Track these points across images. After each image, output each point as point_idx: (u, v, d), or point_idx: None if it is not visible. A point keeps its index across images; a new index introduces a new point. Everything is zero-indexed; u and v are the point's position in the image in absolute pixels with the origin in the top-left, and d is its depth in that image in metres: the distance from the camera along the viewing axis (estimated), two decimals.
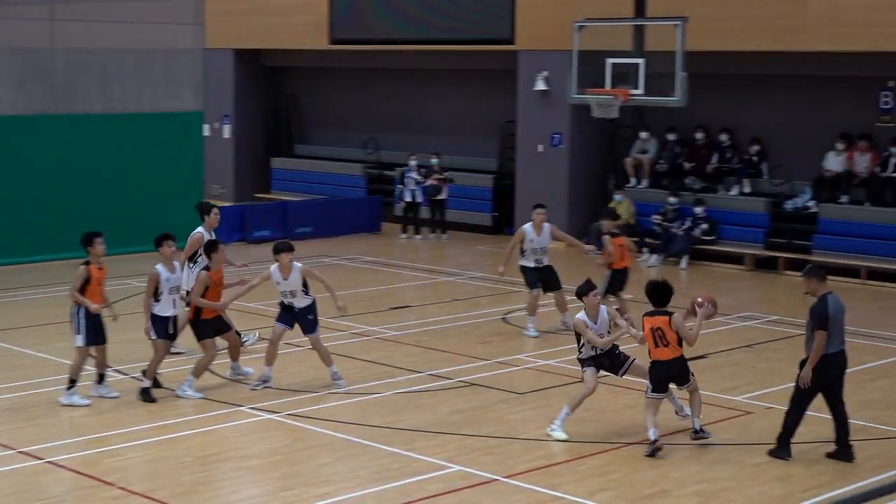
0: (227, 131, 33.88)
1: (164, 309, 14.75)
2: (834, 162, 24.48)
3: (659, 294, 13.00)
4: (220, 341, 15.19)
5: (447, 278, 23.46)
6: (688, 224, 25.01)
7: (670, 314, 12.83)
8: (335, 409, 14.27)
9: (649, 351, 12.94)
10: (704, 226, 24.93)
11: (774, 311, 20.39)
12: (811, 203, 24.57)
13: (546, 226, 18.24)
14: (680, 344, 12.83)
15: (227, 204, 30.97)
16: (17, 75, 24.50)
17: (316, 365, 16.15)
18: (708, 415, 14.06)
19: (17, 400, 14.70)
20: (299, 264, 15.14)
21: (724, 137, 26.12)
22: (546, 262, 18.35)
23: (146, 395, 14.48)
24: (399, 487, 11.75)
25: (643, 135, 26.97)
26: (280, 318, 15.27)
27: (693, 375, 13.04)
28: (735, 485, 11.97)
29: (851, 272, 22.98)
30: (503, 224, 28.87)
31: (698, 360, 16.67)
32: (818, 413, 14.21)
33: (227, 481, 12.10)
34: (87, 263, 14.72)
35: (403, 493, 11.61)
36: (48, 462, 12.41)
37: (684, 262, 24.64)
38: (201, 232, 16.57)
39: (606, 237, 18.17)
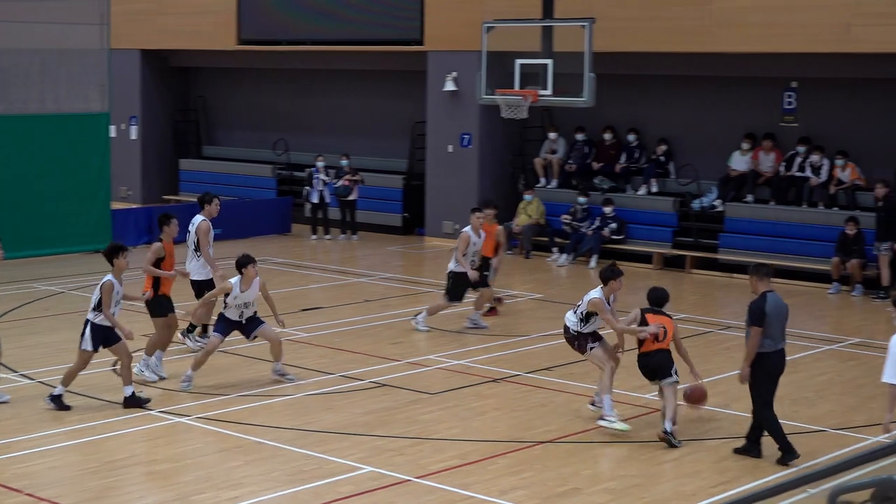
0: (134, 132, 33.48)
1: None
2: (739, 161, 24.82)
3: (661, 296, 13.60)
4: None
5: (358, 279, 23.41)
6: (597, 223, 25.21)
7: (671, 317, 13.46)
8: (246, 412, 14.17)
9: (642, 344, 13.26)
10: (613, 225, 25.14)
11: (682, 309, 20.59)
12: (717, 202, 24.89)
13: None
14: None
15: (134, 206, 30.66)
16: None
17: (224, 367, 16.06)
18: (619, 412, 14.18)
19: None
20: (259, 279, 15.26)
21: (631, 138, 26.37)
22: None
23: (59, 403, 14.18)
24: (312, 490, 11.69)
25: (552, 135, 27.12)
26: (218, 329, 15.26)
27: (674, 374, 13.16)
28: (645, 481, 12.08)
29: None
30: (414, 224, 28.88)
31: None
32: (727, 410, 14.40)
33: (137, 486, 11.96)
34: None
35: (316, 495, 11.55)
36: None
37: (594, 261, 24.82)
38: (207, 222, 17.13)
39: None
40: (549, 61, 22.42)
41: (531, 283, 23.19)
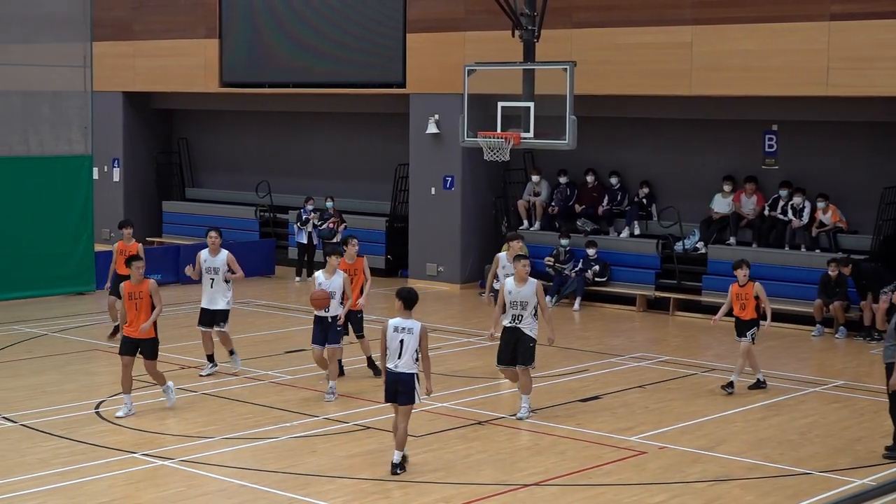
0: (116, 175, 33.45)
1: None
2: (721, 204, 24.90)
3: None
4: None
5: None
6: (580, 266, 25.23)
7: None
8: (229, 455, 14.09)
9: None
10: (596, 267, 25.17)
11: (666, 351, 20.62)
12: (700, 244, 24.94)
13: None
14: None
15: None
16: None
17: (210, 410, 15.99)
18: (602, 455, 14.17)
19: None
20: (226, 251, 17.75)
21: (614, 180, 26.43)
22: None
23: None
24: None
25: (534, 177, 27.17)
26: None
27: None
28: None
29: None
30: (397, 266, 28.85)
31: (591, 402, 16.81)
32: (712, 452, 14.37)
33: None
34: None
35: None
36: None
37: (577, 303, 24.83)
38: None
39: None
40: (530, 104, 22.53)
41: None
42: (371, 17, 28.46)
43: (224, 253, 17.97)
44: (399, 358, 13.26)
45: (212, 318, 17.88)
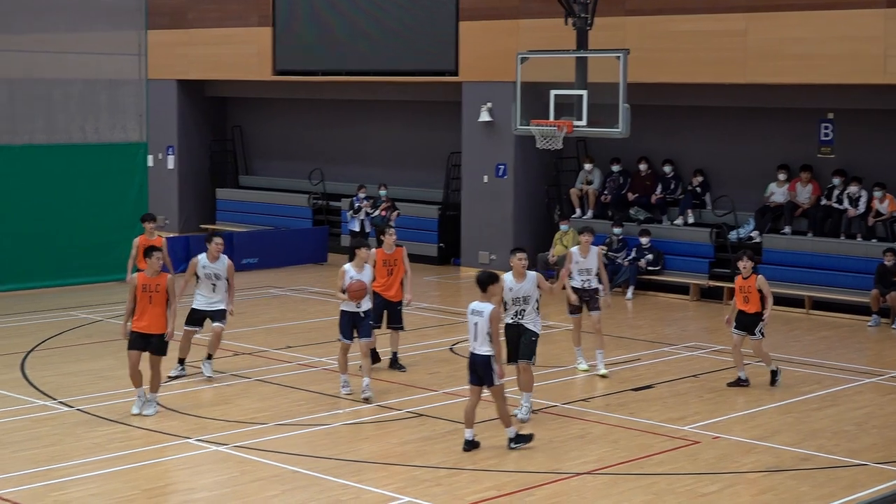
0: (171, 162, 33.70)
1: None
2: (776, 192, 24.71)
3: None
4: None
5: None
6: (633, 254, 25.13)
7: None
8: (282, 441, 14.16)
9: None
10: (649, 256, 25.06)
11: (719, 341, 20.48)
12: (755, 233, 24.77)
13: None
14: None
15: (171, 235, 30.77)
16: None
17: (263, 396, 16.09)
18: (654, 445, 14.12)
19: None
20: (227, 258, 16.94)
21: (667, 169, 26.30)
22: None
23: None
24: None
25: (587, 166, 27.09)
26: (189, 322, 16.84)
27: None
28: None
29: (796, 302, 23.16)
30: (449, 254, 28.87)
31: (644, 391, 16.76)
32: (765, 442, 14.29)
33: None
34: None
35: None
36: None
37: (630, 292, 24.72)
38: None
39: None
40: (583, 92, 22.41)
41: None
42: (424, 4, 28.46)
43: (225, 259, 17.02)
44: (475, 340, 13.59)
45: (204, 317, 16.97)
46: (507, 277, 14.87)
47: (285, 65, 31.06)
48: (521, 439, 13.84)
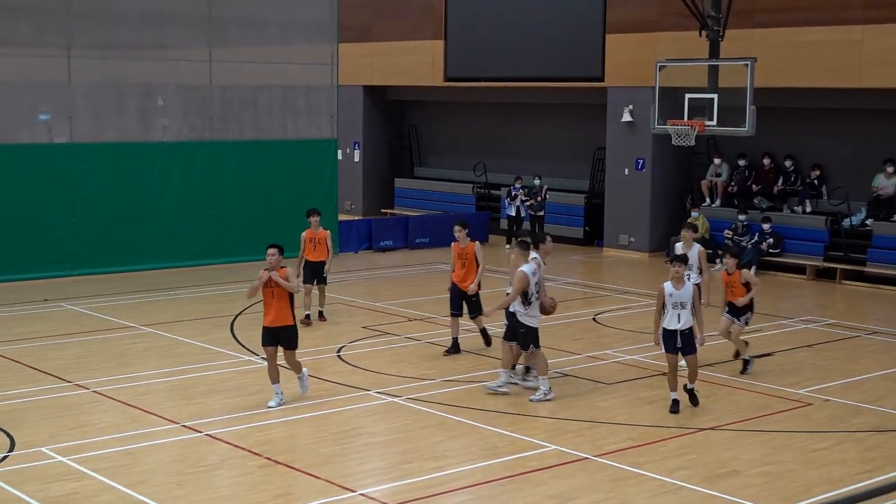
0: (357, 156, 34.20)
1: (669, 322, 13.74)
2: (883, 183, 23.97)
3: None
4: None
5: (545, 283, 23.31)
6: (756, 238, 24.67)
7: None
8: (449, 395, 14.31)
9: None
10: (771, 240, 24.56)
11: (832, 315, 20.02)
12: (869, 221, 24.07)
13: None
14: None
15: (357, 218, 31.27)
16: (180, 108, 24.98)
17: (431, 355, 16.24)
18: (771, 405, 13.90)
19: (180, 382, 14.96)
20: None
21: (788, 163, 25.72)
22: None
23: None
24: (503, 463, 11.76)
25: (716, 160, 26.66)
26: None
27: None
28: (798, 467, 11.77)
29: None
30: (594, 237, 28.75)
31: (765, 358, 16.47)
32: (873, 406, 13.94)
33: (357, 454, 12.20)
34: None
35: (507, 468, 11.61)
36: (206, 435, 12.62)
37: (753, 271, 24.23)
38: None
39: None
40: (714, 96, 22.05)
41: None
42: (575, 20, 28.29)
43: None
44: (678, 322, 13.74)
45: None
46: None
47: (455, 72, 31.22)
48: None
